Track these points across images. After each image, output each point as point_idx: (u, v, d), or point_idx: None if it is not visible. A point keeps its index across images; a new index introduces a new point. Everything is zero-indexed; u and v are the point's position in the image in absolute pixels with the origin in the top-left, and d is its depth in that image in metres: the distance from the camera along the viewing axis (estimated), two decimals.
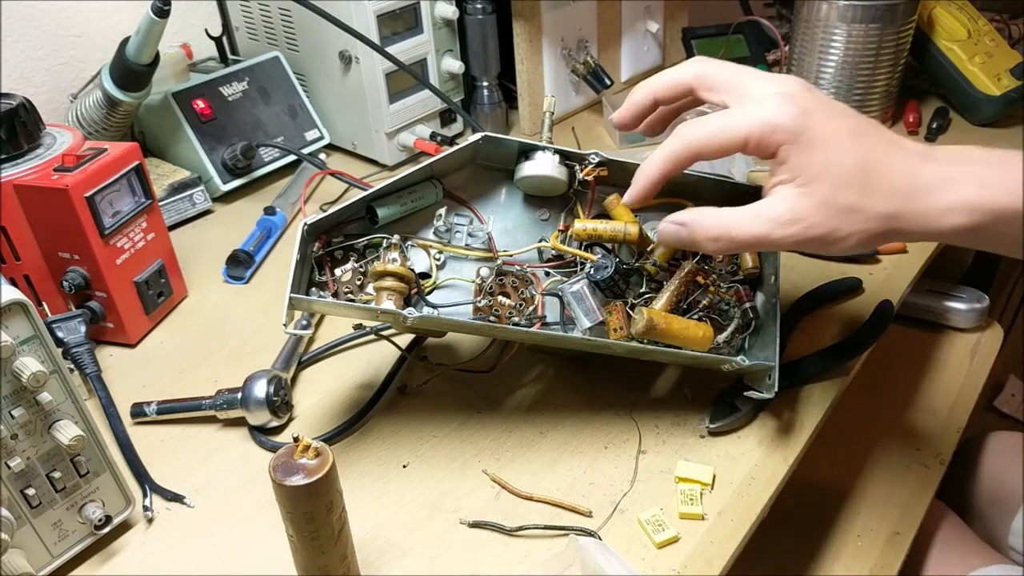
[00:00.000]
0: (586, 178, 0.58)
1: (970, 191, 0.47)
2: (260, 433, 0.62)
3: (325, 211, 0.64)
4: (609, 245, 0.61)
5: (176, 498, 0.57)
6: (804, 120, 0.48)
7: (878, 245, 0.51)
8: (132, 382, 0.68)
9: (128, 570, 0.53)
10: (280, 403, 0.62)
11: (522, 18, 0.97)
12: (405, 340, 0.69)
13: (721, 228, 0.50)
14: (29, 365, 0.46)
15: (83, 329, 0.64)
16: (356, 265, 0.59)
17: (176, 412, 0.63)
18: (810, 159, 0.48)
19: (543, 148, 0.59)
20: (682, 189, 0.61)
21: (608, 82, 1.05)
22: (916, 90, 1.08)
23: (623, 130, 0.58)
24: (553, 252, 0.61)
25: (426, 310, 0.59)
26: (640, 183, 0.53)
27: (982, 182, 0.47)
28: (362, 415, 0.63)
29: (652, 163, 0.52)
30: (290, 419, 0.64)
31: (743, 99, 0.51)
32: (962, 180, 0.47)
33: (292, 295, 0.53)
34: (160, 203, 0.81)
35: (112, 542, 0.55)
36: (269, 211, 0.86)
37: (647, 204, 0.55)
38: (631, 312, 0.58)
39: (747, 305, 0.60)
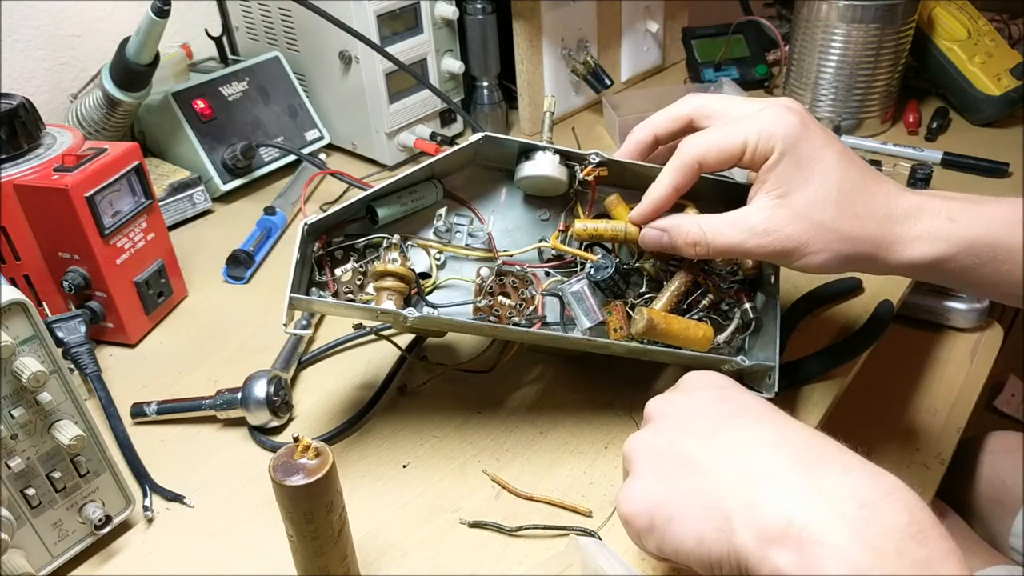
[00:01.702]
0: (586, 178, 0.58)
1: (939, 222, 0.50)
2: (260, 433, 0.62)
3: (325, 211, 0.64)
4: (609, 245, 0.61)
5: (176, 498, 0.57)
6: (801, 131, 0.50)
7: (846, 269, 0.53)
8: (132, 382, 0.68)
9: (128, 570, 0.53)
10: (280, 403, 0.62)
11: (522, 18, 0.97)
12: (405, 340, 0.69)
13: (699, 234, 0.53)
14: (29, 365, 0.46)
15: (83, 329, 0.64)
16: (356, 265, 0.59)
17: (176, 412, 0.63)
18: (796, 171, 0.50)
19: (543, 148, 0.59)
20: None
21: (608, 82, 1.05)
22: (916, 90, 1.08)
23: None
24: (553, 252, 0.61)
25: (426, 310, 0.59)
26: (649, 200, 0.55)
27: (950, 216, 0.50)
28: (362, 415, 0.63)
29: (659, 182, 0.54)
30: (290, 419, 0.64)
31: (738, 117, 0.53)
32: (931, 212, 0.51)
33: (292, 295, 0.53)
34: (160, 203, 0.81)
35: (112, 542, 0.55)
36: (269, 211, 0.86)
37: (653, 219, 0.56)
38: (631, 312, 0.58)
39: (747, 305, 0.60)
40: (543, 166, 0.58)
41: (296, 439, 0.44)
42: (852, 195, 0.50)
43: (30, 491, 0.49)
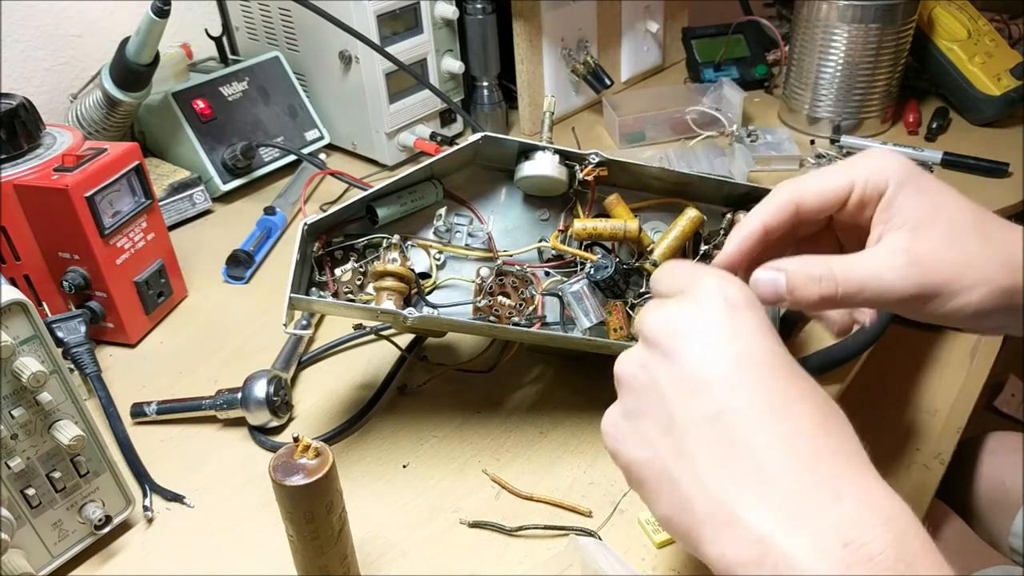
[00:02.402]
0: (586, 178, 0.58)
1: None
2: (260, 433, 0.62)
3: (325, 211, 0.64)
4: (609, 245, 0.61)
5: (176, 498, 0.57)
6: (914, 168, 0.44)
7: (999, 310, 0.43)
8: (132, 382, 0.68)
9: (128, 570, 0.53)
10: (280, 403, 0.62)
11: (522, 18, 0.97)
12: (405, 340, 0.69)
13: (824, 267, 0.43)
14: (29, 365, 0.46)
15: (83, 329, 0.64)
16: (356, 265, 0.59)
17: (176, 412, 0.63)
18: (921, 200, 0.43)
19: (543, 148, 0.59)
20: (683, 189, 0.61)
21: (608, 82, 1.05)
22: (916, 90, 1.08)
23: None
24: (553, 252, 0.61)
25: (426, 310, 0.59)
26: (739, 239, 0.46)
27: None
28: (362, 415, 0.63)
29: (751, 217, 0.46)
30: (290, 419, 0.64)
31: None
32: None
33: (292, 295, 0.53)
34: (160, 203, 0.81)
35: (112, 542, 0.55)
36: (269, 211, 0.86)
37: (742, 266, 0.47)
38: (631, 312, 0.58)
39: None
40: (543, 166, 0.58)
41: (296, 439, 0.44)
42: (988, 224, 0.43)
43: (30, 491, 0.49)
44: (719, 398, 0.36)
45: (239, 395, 0.61)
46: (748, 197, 0.55)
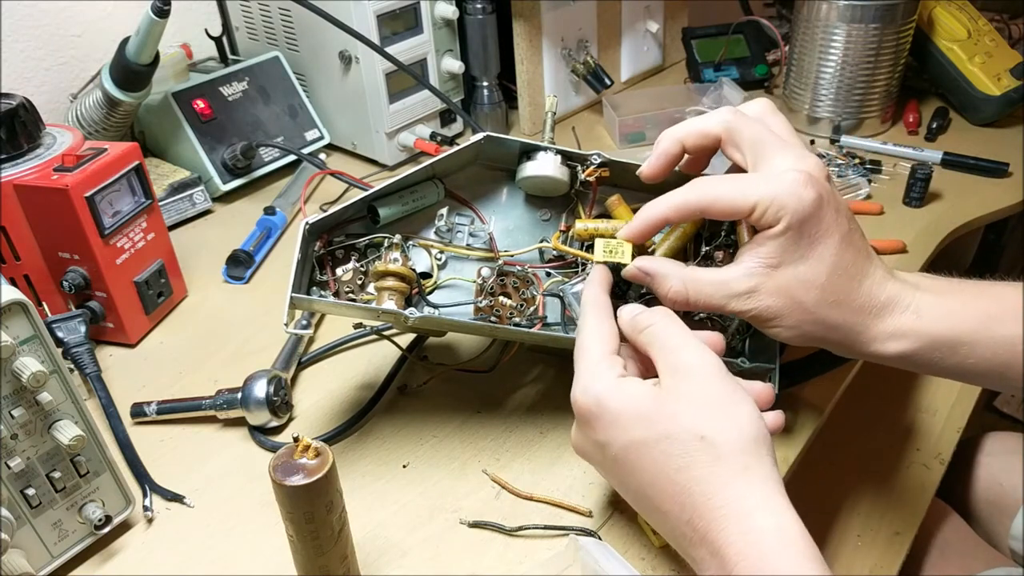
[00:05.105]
0: (588, 179, 0.58)
1: (907, 319, 0.51)
2: (260, 433, 0.62)
3: (325, 211, 0.64)
4: None
5: (176, 498, 0.57)
6: (813, 210, 0.49)
7: (811, 345, 0.53)
8: (132, 382, 0.68)
9: (128, 570, 0.53)
10: (280, 403, 0.62)
11: (522, 18, 0.97)
12: (405, 340, 0.69)
13: (681, 291, 0.52)
14: (29, 365, 0.46)
15: (83, 329, 0.64)
16: (357, 265, 0.59)
17: (176, 412, 0.63)
18: (795, 248, 0.49)
19: (545, 148, 0.59)
20: None
21: (608, 82, 1.05)
22: (916, 90, 1.08)
23: (651, 182, 0.56)
24: (554, 252, 0.61)
25: (427, 310, 0.59)
26: (641, 221, 0.53)
27: (918, 311, 0.51)
28: (362, 415, 0.63)
29: (657, 205, 0.52)
30: (290, 419, 0.64)
31: (763, 167, 0.51)
32: (902, 308, 0.51)
33: (293, 294, 0.53)
34: (160, 203, 0.81)
35: (112, 542, 0.55)
36: (269, 211, 0.86)
37: (640, 243, 0.55)
38: None
39: None
40: (545, 166, 0.58)
41: (296, 439, 0.44)
42: (840, 282, 0.50)
43: (30, 491, 0.49)
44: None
45: (239, 395, 0.61)
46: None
